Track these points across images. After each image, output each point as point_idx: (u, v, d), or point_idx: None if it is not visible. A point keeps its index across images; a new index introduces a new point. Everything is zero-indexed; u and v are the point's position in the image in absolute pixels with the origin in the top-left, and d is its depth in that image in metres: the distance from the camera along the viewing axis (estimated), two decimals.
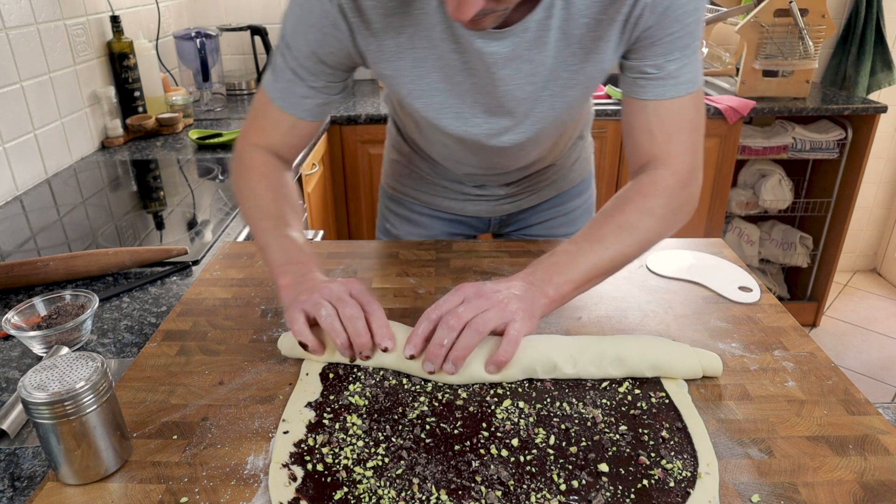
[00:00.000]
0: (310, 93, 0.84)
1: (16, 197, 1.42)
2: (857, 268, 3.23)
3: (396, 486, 0.56)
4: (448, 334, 0.66)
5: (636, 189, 0.80)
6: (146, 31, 2.08)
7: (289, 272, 0.75)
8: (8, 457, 0.63)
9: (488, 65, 0.77)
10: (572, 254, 0.75)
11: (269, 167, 0.87)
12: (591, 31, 0.76)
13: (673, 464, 0.58)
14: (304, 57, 0.81)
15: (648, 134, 0.81)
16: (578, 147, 1.16)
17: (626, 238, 0.76)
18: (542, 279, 0.72)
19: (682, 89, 0.79)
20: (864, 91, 2.65)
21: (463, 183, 1.12)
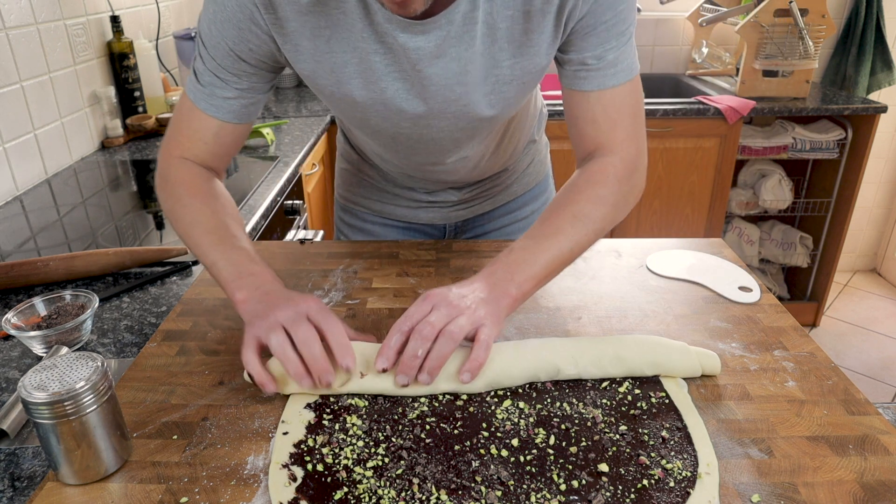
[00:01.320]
0: (234, 93, 0.80)
1: (16, 197, 1.42)
2: (857, 268, 3.23)
3: (396, 486, 0.56)
4: (422, 344, 0.64)
5: (585, 178, 0.80)
6: (146, 31, 2.08)
7: (243, 285, 0.71)
8: (8, 457, 0.63)
9: (413, 62, 0.74)
10: (530, 249, 0.74)
11: (199, 179, 0.82)
12: (519, 24, 0.74)
13: (673, 464, 0.58)
14: (222, 57, 0.77)
15: (593, 123, 0.81)
16: (531, 150, 1.14)
17: (581, 228, 0.76)
18: (503, 279, 0.71)
19: (621, 77, 0.78)
20: (864, 91, 2.65)
21: (414, 189, 1.10)
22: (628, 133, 0.81)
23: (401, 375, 0.65)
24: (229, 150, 0.85)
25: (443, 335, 0.65)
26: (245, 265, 0.73)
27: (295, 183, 1.62)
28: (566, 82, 0.82)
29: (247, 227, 1.23)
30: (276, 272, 0.93)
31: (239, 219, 0.81)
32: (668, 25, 2.72)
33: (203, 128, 0.81)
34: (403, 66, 0.75)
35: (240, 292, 0.71)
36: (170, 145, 0.84)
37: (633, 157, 0.81)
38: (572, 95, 0.81)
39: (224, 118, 0.81)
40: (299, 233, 1.56)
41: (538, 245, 0.74)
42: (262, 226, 1.31)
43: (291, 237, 1.53)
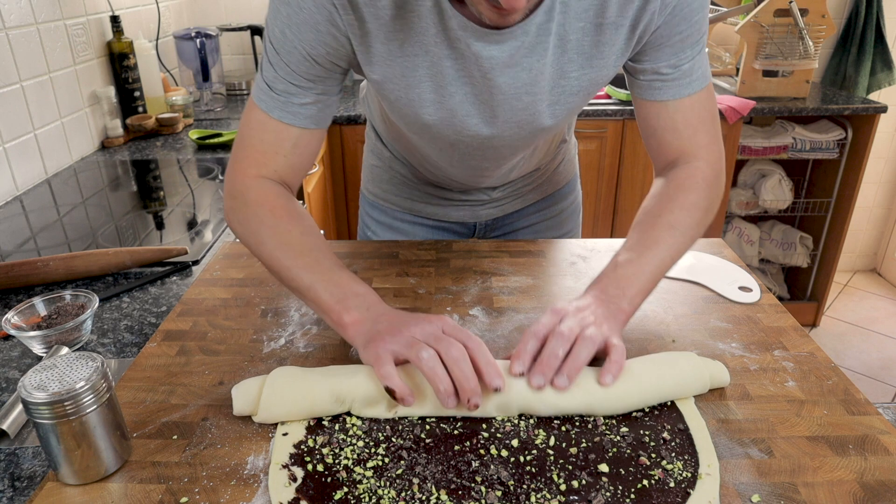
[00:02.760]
0: (311, 98, 0.77)
1: (16, 197, 1.42)
2: (857, 268, 3.23)
3: (396, 486, 0.56)
4: (563, 344, 0.64)
5: (675, 185, 0.80)
6: (146, 31, 2.08)
7: (352, 307, 0.69)
8: (8, 457, 0.63)
9: (485, 70, 0.74)
10: (635, 263, 0.74)
11: (281, 198, 0.78)
12: (590, 37, 0.74)
13: (673, 464, 0.58)
14: (297, 62, 0.74)
15: (674, 132, 0.81)
16: (562, 150, 1.14)
17: (678, 236, 0.77)
18: (615, 295, 0.72)
19: (697, 85, 0.79)
20: (864, 91, 2.65)
21: (446, 188, 1.10)
22: (710, 137, 0.82)
23: (537, 376, 0.63)
24: (307, 160, 0.82)
25: (581, 339, 0.65)
26: (348, 286, 0.71)
27: None
28: (639, 93, 0.82)
29: None
30: None
31: (324, 239, 0.78)
32: None
33: (280, 139, 0.78)
34: (473, 73, 0.75)
35: (348, 314, 0.68)
36: (243, 163, 0.79)
37: (717, 160, 0.82)
38: (649, 106, 0.81)
39: (303, 125, 0.78)
40: None
41: (642, 258, 0.75)
42: None
43: None
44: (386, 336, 0.64)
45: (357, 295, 0.70)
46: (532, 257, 0.98)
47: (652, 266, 0.74)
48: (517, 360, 0.64)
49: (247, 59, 2.61)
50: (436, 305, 0.85)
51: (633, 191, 2.36)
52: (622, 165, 2.31)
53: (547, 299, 0.87)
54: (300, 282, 0.72)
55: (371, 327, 0.66)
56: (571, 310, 0.69)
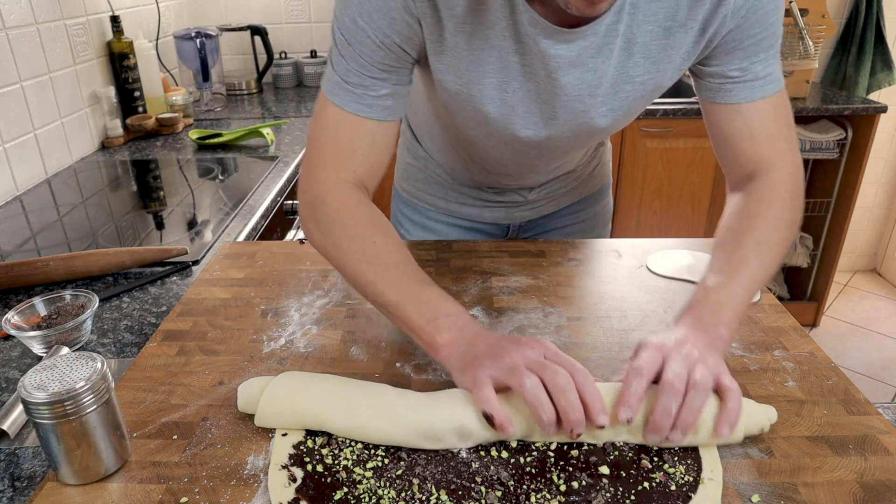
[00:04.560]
0: (386, 89, 0.75)
1: (16, 197, 1.42)
2: (857, 268, 3.23)
3: (396, 487, 0.56)
4: (676, 399, 0.58)
5: (757, 199, 0.76)
6: (146, 31, 2.08)
7: (444, 327, 0.65)
8: (8, 457, 0.63)
9: (550, 69, 0.73)
10: (727, 287, 0.69)
11: (364, 207, 0.75)
12: (657, 40, 0.72)
13: (676, 468, 0.58)
14: (371, 52, 0.72)
15: (750, 140, 0.77)
16: (599, 153, 1.14)
17: (767, 254, 0.72)
18: (712, 323, 0.66)
19: (771, 89, 0.76)
20: (864, 91, 2.65)
21: (482, 189, 1.09)
22: (789, 144, 0.78)
23: (652, 435, 0.59)
24: (384, 158, 0.79)
25: (692, 388, 0.59)
26: (439, 305, 0.67)
27: (295, 183, 1.62)
28: (708, 95, 0.78)
29: (247, 227, 1.23)
30: (275, 273, 0.94)
31: (409, 252, 0.74)
32: None
33: (357, 135, 0.75)
34: (538, 71, 0.74)
35: (441, 335, 0.65)
36: (320, 166, 0.76)
37: (797, 170, 0.78)
38: (719, 111, 0.78)
39: (379, 117, 0.75)
40: (299, 233, 1.56)
41: (732, 280, 0.70)
42: (262, 226, 1.31)
43: (291, 237, 1.53)
44: (485, 360, 0.60)
45: (449, 315, 0.66)
46: (532, 257, 0.98)
47: (744, 288, 0.69)
48: (624, 406, 0.58)
49: (247, 59, 2.61)
50: None
51: (633, 191, 2.36)
52: (622, 166, 2.31)
53: (547, 299, 0.87)
54: (387, 298, 0.69)
55: (466, 350, 0.63)
56: (672, 345, 0.62)
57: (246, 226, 1.23)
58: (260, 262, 0.98)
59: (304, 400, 0.62)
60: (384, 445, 0.61)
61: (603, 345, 0.77)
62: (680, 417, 0.58)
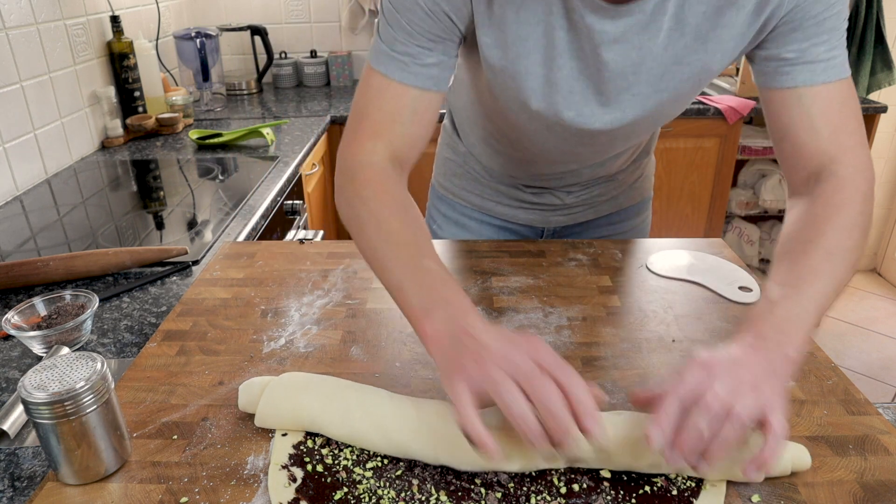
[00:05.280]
0: (433, 59, 0.74)
1: (16, 197, 1.42)
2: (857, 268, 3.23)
3: (396, 487, 0.56)
4: (711, 423, 0.51)
5: (824, 203, 0.69)
6: (146, 31, 2.08)
7: (436, 317, 0.60)
8: (8, 457, 0.63)
9: (595, 44, 0.72)
10: (795, 300, 0.61)
11: (391, 181, 0.73)
12: (709, 20, 0.69)
13: (677, 473, 0.58)
14: (418, 20, 0.72)
15: (811, 131, 0.70)
16: (643, 164, 1.10)
17: (839, 263, 0.65)
18: (778, 341, 0.58)
19: (835, 73, 0.69)
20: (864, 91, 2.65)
21: (519, 189, 1.07)
22: (857, 139, 0.71)
23: (676, 456, 0.52)
24: (425, 130, 0.77)
25: (730, 419, 0.51)
26: (439, 291, 0.62)
27: (295, 183, 1.62)
28: (764, 80, 0.73)
29: (247, 227, 1.23)
30: (275, 273, 0.94)
31: (428, 234, 0.71)
32: None
33: (399, 105, 0.74)
34: (584, 46, 0.73)
35: (429, 324, 0.60)
36: (358, 135, 0.75)
37: (868, 168, 0.71)
38: (775, 98, 0.72)
39: (424, 85, 0.74)
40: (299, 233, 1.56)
41: (801, 294, 0.62)
42: (262, 226, 1.31)
43: (291, 237, 1.53)
44: (468, 366, 0.55)
45: (446, 302, 0.61)
46: (532, 257, 0.98)
47: (815, 303, 0.61)
48: (657, 428, 0.52)
49: (247, 59, 2.61)
50: None
51: None
52: None
53: (547, 299, 0.87)
54: (390, 277, 0.65)
55: (451, 347, 0.57)
56: (724, 364, 0.55)
57: (246, 226, 1.23)
58: (260, 262, 0.98)
59: (303, 402, 0.62)
60: None
61: (603, 345, 0.77)
62: (709, 448, 0.51)
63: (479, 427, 0.52)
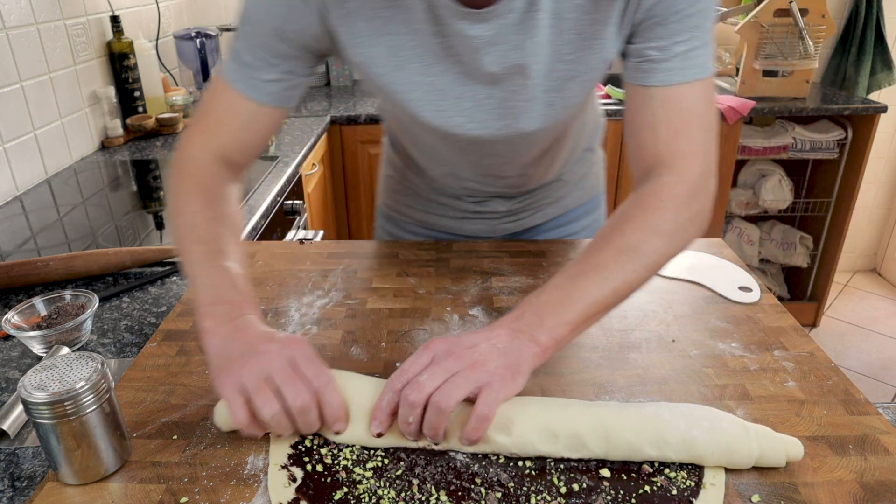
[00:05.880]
0: (275, 75, 0.74)
1: (16, 197, 1.42)
2: (857, 268, 3.23)
3: (396, 487, 0.56)
4: (411, 412, 0.56)
5: (637, 203, 0.69)
6: (146, 31, 2.08)
7: (215, 313, 0.63)
8: (8, 457, 0.63)
9: (473, 49, 0.70)
10: (566, 289, 0.63)
11: (211, 178, 0.75)
12: (588, 14, 0.68)
13: (677, 473, 0.58)
14: (267, 35, 0.72)
15: (651, 131, 0.71)
16: (587, 161, 1.07)
17: (629, 263, 0.64)
18: (531, 324, 0.61)
19: (691, 74, 0.69)
20: (864, 91, 2.65)
21: (461, 199, 1.04)
22: (693, 146, 0.70)
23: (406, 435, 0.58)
24: (260, 139, 0.78)
25: (431, 404, 0.55)
26: (225, 289, 0.65)
27: (295, 183, 1.62)
28: (627, 75, 0.73)
29: (247, 227, 1.23)
30: (275, 273, 0.94)
31: (237, 232, 0.74)
32: None
33: (236, 111, 0.75)
34: (461, 51, 0.71)
35: (208, 320, 0.63)
36: (195, 130, 0.77)
37: (696, 177, 0.70)
38: (633, 94, 0.72)
39: (261, 100, 0.75)
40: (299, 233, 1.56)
41: (574, 284, 0.63)
42: (262, 226, 1.31)
43: (291, 237, 1.53)
44: (234, 367, 0.58)
45: (228, 302, 0.64)
46: (532, 257, 0.98)
47: (588, 295, 0.62)
48: (374, 421, 0.58)
49: None
50: (436, 305, 0.86)
51: None
52: (622, 166, 2.31)
53: None
54: (188, 269, 0.68)
55: (222, 347, 0.61)
56: (447, 347, 0.59)
57: (246, 226, 1.23)
58: (260, 262, 0.98)
59: None
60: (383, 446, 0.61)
61: (603, 345, 0.77)
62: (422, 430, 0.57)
63: (257, 430, 0.58)
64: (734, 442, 0.57)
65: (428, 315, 0.83)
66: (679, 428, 0.58)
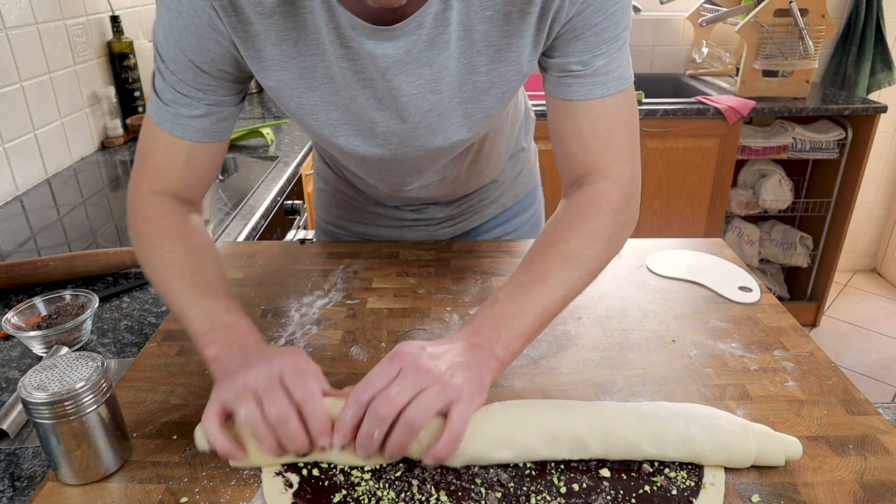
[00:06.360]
0: (201, 110, 0.71)
1: (16, 197, 1.42)
2: (857, 268, 3.23)
3: (396, 488, 0.56)
4: (378, 426, 0.55)
5: (575, 210, 0.71)
6: (146, 31, 2.07)
7: (216, 340, 0.63)
8: (8, 457, 0.63)
9: (382, 70, 0.68)
10: (517, 300, 0.64)
11: (171, 215, 0.73)
12: (498, 27, 0.67)
13: (677, 473, 0.58)
14: (182, 70, 0.69)
15: (580, 141, 0.72)
16: (520, 159, 1.06)
17: (573, 270, 0.67)
18: (488, 338, 0.62)
19: (612, 86, 0.70)
20: (864, 91, 2.65)
21: (398, 208, 1.02)
22: (622, 153, 0.72)
23: (361, 451, 0.56)
24: (205, 174, 0.76)
25: (402, 421, 0.55)
26: (220, 316, 0.65)
27: (295, 183, 1.62)
28: (549, 89, 0.74)
29: (247, 227, 1.23)
30: (275, 273, 0.94)
31: (217, 259, 0.72)
32: (668, 25, 2.72)
33: (172, 153, 0.73)
34: (372, 74, 0.69)
35: (211, 348, 0.62)
36: (137, 178, 0.75)
37: (627, 183, 0.72)
38: (557, 107, 0.73)
39: (194, 138, 0.72)
40: (299, 233, 1.56)
41: (525, 294, 0.65)
42: (262, 226, 1.31)
43: (291, 237, 1.53)
44: (224, 380, 0.58)
45: (225, 327, 0.64)
46: None
47: (537, 304, 0.64)
48: (337, 433, 0.56)
49: None
50: (436, 305, 0.86)
51: None
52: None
53: None
54: (176, 307, 0.67)
55: (227, 364, 0.61)
56: (414, 360, 0.57)
57: (246, 226, 1.23)
58: (260, 262, 0.98)
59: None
60: None
61: (603, 345, 0.77)
62: (385, 447, 0.56)
63: (217, 436, 0.56)
64: (733, 439, 0.57)
65: (428, 315, 0.83)
66: (678, 426, 0.58)
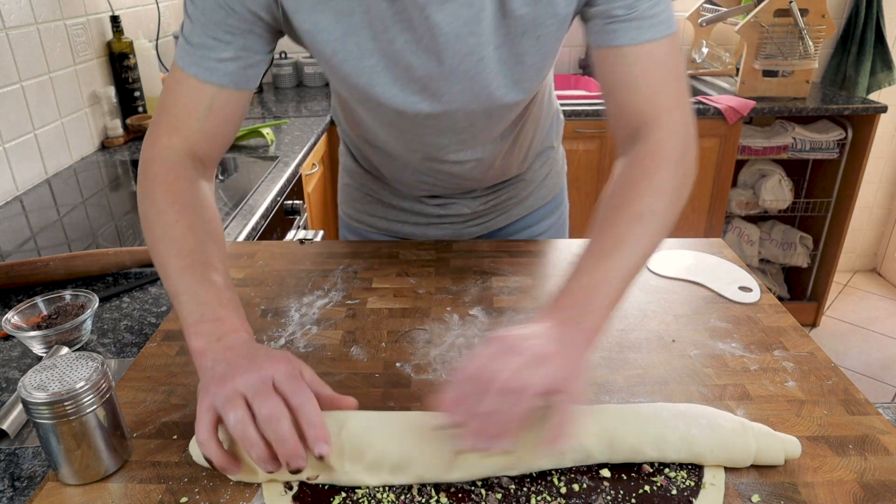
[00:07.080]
0: (230, 53, 0.70)
1: (16, 197, 1.42)
2: (857, 268, 3.23)
3: (396, 490, 0.56)
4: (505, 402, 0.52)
5: (637, 166, 0.69)
6: (146, 31, 2.07)
7: (203, 333, 0.59)
8: (8, 457, 0.63)
9: (421, 6, 0.67)
10: (599, 269, 0.62)
11: (183, 180, 0.70)
12: None
13: (677, 473, 0.58)
14: (214, 11, 0.68)
15: (632, 89, 0.70)
16: (549, 159, 1.07)
17: (647, 228, 0.65)
18: (575, 313, 0.60)
19: (659, 31, 0.69)
20: (864, 91, 2.65)
21: (424, 203, 1.03)
22: (674, 100, 0.70)
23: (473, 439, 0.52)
24: (225, 128, 0.74)
25: (521, 395, 0.52)
26: (211, 307, 0.61)
27: (295, 183, 1.62)
28: (595, 39, 0.71)
29: (247, 227, 1.23)
30: (275, 273, 0.94)
31: (220, 239, 0.69)
32: None
33: (195, 99, 0.71)
34: (411, 12, 0.68)
35: (197, 340, 0.59)
36: (156, 128, 0.72)
37: (684, 129, 0.70)
38: (605, 57, 0.71)
39: (220, 82, 0.70)
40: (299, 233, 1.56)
41: (605, 262, 0.62)
42: (262, 226, 1.31)
43: (291, 237, 1.53)
44: (211, 386, 0.55)
45: (214, 320, 0.60)
46: (532, 257, 0.98)
47: (619, 270, 0.62)
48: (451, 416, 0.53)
49: None
50: (436, 305, 0.86)
51: None
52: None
53: (547, 299, 0.87)
54: (170, 286, 0.64)
55: (211, 366, 0.57)
56: (514, 340, 0.55)
57: (246, 226, 1.23)
58: (260, 262, 0.98)
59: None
60: None
61: (603, 345, 0.77)
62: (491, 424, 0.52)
63: (213, 450, 0.53)
64: (732, 438, 0.57)
65: (428, 315, 0.83)
66: (678, 427, 0.58)
